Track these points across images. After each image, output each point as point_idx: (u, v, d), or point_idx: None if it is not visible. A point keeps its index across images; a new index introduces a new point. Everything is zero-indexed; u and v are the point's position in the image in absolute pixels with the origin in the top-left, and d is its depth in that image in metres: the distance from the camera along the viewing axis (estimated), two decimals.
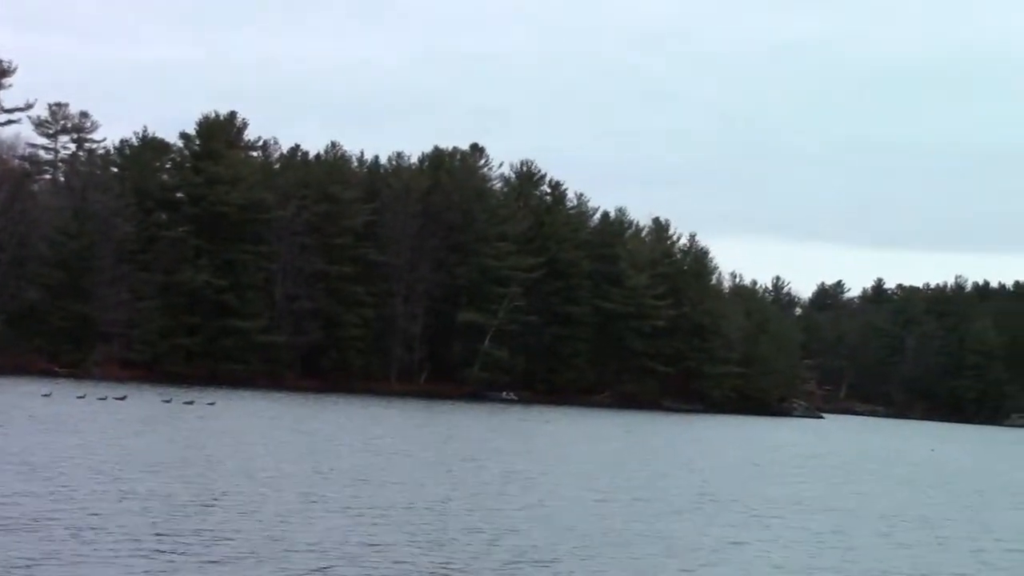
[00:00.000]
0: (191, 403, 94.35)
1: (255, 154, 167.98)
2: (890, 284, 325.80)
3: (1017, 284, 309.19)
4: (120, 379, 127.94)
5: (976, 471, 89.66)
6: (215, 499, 39.55)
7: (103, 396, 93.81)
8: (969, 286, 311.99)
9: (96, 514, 34.41)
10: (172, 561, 28.74)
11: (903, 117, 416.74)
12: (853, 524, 46.44)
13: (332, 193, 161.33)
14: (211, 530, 33.25)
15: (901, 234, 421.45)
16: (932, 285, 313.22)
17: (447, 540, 34.69)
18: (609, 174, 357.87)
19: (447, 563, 31.11)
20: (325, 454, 58.80)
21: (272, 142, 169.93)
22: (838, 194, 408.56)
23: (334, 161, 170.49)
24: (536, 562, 32.40)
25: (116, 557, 28.77)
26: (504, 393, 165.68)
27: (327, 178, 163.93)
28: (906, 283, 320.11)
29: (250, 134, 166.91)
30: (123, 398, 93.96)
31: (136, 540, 30.73)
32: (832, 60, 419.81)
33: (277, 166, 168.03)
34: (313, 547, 31.74)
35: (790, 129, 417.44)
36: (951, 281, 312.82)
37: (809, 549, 39.15)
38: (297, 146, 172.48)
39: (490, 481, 52.00)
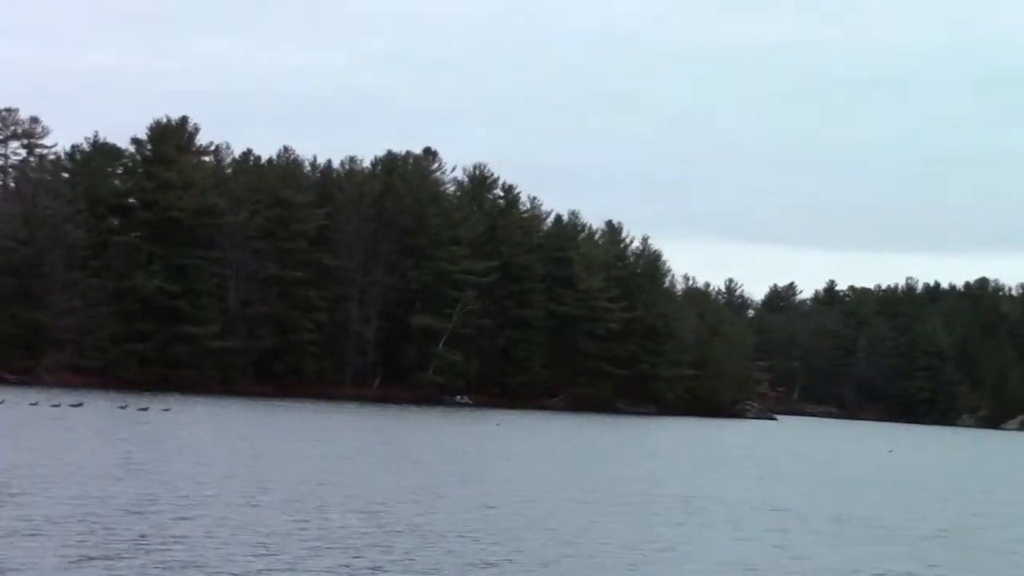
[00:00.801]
0: (146, 409, 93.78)
1: (207, 159, 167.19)
2: (842, 286, 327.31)
3: (967, 285, 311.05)
4: (72, 386, 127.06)
5: (938, 472, 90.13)
6: (153, 503, 39.36)
7: (56, 403, 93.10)
8: (920, 287, 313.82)
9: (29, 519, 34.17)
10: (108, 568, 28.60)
11: (854, 119, 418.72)
12: (797, 523, 46.39)
13: (285, 198, 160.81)
14: (151, 535, 33.11)
15: (852, 236, 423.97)
16: (883, 287, 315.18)
17: (381, 542, 34.49)
18: (562, 177, 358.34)
19: (379, 567, 31.00)
20: (270, 458, 58.51)
21: (224, 147, 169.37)
22: (790, 196, 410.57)
23: (286, 166, 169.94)
24: (471, 564, 32.27)
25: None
26: (458, 397, 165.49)
27: (279, 183, 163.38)
28: (858, 285, 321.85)
29: (202, 139, 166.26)
30: (79, 405, 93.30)
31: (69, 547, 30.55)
32: (783, 63, 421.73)
33: (229, 171, 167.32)
34: (248, 551, 31.54)
35: (742, 132, 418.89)
36: (902, 283, 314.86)
37: (753, 547, 39.12)
38: (249, 151, 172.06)
39: (428, 481, 51.67)
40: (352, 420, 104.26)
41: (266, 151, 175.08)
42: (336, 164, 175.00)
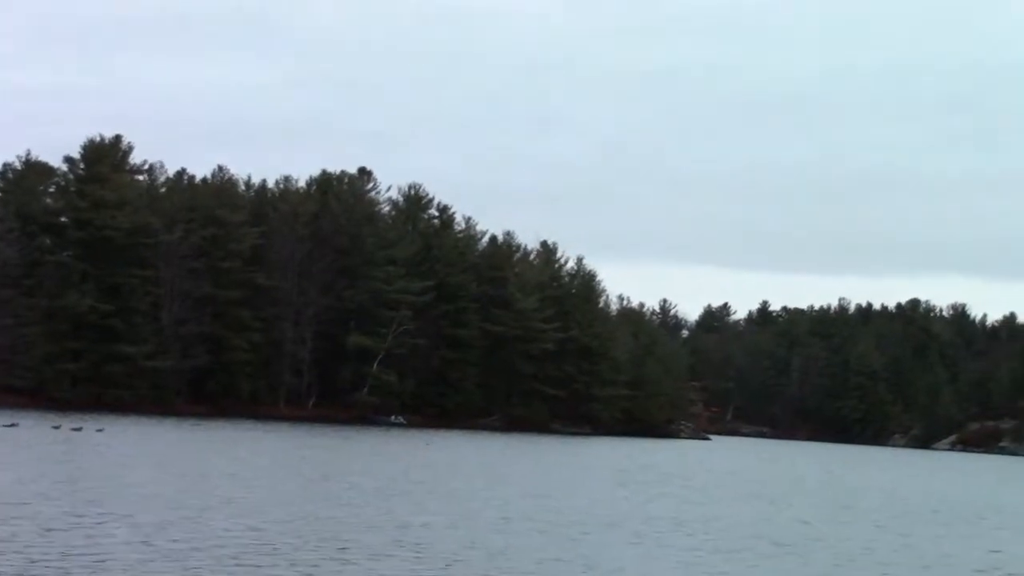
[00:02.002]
0: (79, 429, 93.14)
1: (141, 178, 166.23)
2: (775, 306, 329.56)
3: (899, 306, 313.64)
4: (4, 406, 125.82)
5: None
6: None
7: None
8: (852, 308, 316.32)
9: None
10: None
11: (785, 141, 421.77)
12: (716, 541, 46.61)
13: (219, 217, 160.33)
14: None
15: (786, 257, 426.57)
16: (816, 307, 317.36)
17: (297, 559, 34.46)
18: (496, 198, 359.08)
19: None
20: (201, 479, 58.25)
21: (158, 166, 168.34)
22: (723, 218, 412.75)
23: (221, 185, 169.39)
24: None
25: None
26: (393, 417, 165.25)
27: (214, 202, 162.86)
28: (791, 305, 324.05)
29: (135, 158, 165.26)
30: (13, 425, 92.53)
31: None
32: (714, 85, 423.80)
33: (163, 190, 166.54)
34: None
35: (675, 153, 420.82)
36: (835, 303, 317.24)
37: (672, 564, 39.33)
38: (183, 170, 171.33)
39: (339, 501, 51.39)
40: (276, 440, 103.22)
41: (200, 170, 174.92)
42: (271, 183, 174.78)
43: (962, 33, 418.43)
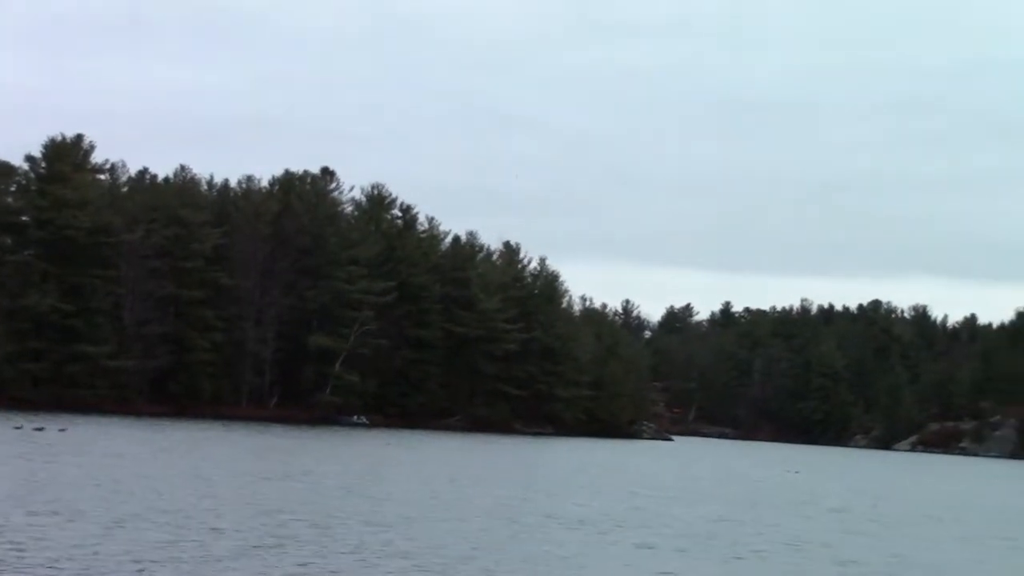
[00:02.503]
0: (41, 429, 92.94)
1: (102, 177, 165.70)
2: (738, 307, 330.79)
3: (860, 308, 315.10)
4: None
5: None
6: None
7: None
8: (815, 309, 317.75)
9: None
10: None
11: (748, 143, 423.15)
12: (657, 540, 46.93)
13: (181, 216, 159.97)
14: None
15: (748, 258, 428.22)
16: (779, 308, 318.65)
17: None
18: (460, 198, 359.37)
19: None
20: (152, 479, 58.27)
21: (120, 165, 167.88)
22: (686, 219, 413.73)
23: (183, 184, 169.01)
24: None
25: None
26: (355, 417, 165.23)
27: (176, 201, 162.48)
28: (753, 306, 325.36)
29: (97, 157, 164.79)
30: None
31: None
32: (680, 87, 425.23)
33: (125, 189, 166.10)
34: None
35: (637, 154, 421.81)
36: (797, 304, 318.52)
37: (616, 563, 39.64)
38: (145, 169, 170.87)
39: (281, 500, 51.35)
40: (235, 440, 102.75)
41: (162, 170, 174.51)
42: (233, 183, 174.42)
43: (926, 36, 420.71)
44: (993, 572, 44.50)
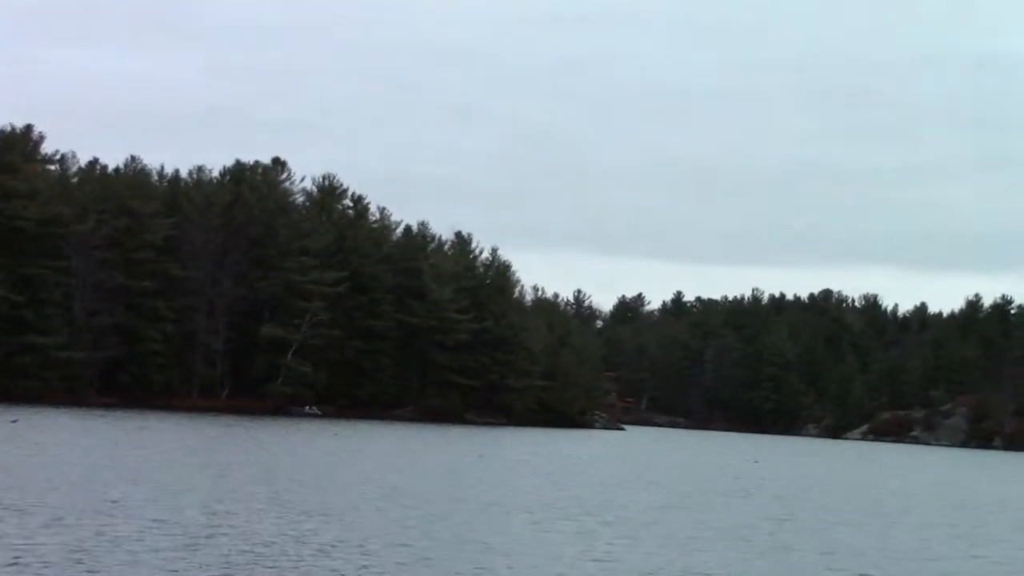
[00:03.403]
0: None
1: (52, 168, 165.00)
2: (689, 297, 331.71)
3: (811, 297, 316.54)
4: None
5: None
6: None
7: None
8: (766, 299, 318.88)
9: None
10: None
11: (701, 135, 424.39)
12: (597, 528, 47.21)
13: (132, 207, 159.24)
14: None
15: (699, 248, 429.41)
16: (730, 298, 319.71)
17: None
18: (411, 189, 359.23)
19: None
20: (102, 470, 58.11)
21: (70, 155, 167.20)
22: (638, 209, 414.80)
23: (134, 175, 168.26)
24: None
25: None
26: (307, 408, 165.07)
27: (127, 192, 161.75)
28: (705, 296, 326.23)
29: (47, 147, 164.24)
30: None
31: None
32: (634, 78, 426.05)
33: (75, 180, 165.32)
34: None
35: (591, 145, 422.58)
36: (748, 294, 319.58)
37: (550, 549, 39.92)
38: (96, 160, 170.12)
39: (214, 491, 51.23)
40: (179, 432, 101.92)
41: (113, 160, 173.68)
42: (184, 174, 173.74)
43: (878, 28, 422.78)
44: (929, 559, 44.85)
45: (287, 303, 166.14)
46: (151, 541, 34.99)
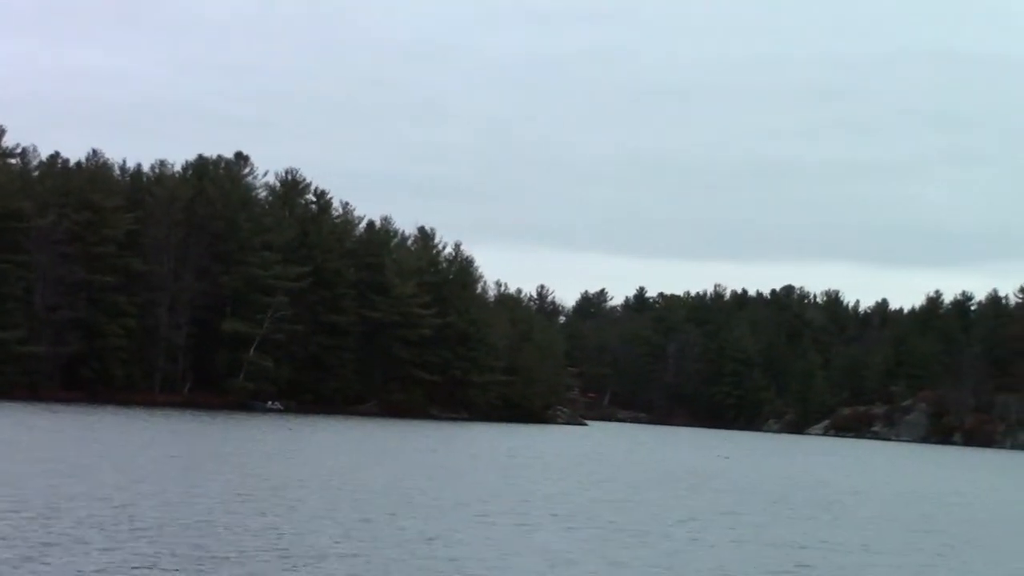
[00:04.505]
0: None
1: (13, 161, 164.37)
2: (652, 292, 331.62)
3: (773, 292, 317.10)
4: None
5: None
6: None
7: None
8: (728, 294, 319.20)
9: None
10: None
11: (662, 129, 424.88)
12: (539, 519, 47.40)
13: (93, 201, 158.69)
14: None
15: (662, 243, 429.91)
16: (692, 293, 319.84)
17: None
18: (374, 184, 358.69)
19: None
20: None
21: (31, 149, 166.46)
22: (600, 204, 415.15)
23: (95, 169, 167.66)
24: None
25: None
26: (270, 403, 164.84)
27: (88, 186, 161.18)
28: (667, 291, 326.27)
29: (7, 141, 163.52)
30: None
31: None
32: (597, 74, 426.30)
33: (36, 174, 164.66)
34: None
35: (554, 140, 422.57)
36: (710, 289, 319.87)
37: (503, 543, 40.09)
38: (57, 153, 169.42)
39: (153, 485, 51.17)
40: (132, 427, 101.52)
41: (74, 154, 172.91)
42: (146, 168, 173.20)
43: (844, 25, 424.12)
44: (874, 551, 45.17)
45: (249, 298, 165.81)
46: None
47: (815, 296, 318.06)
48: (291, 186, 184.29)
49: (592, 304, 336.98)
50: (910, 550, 46.15)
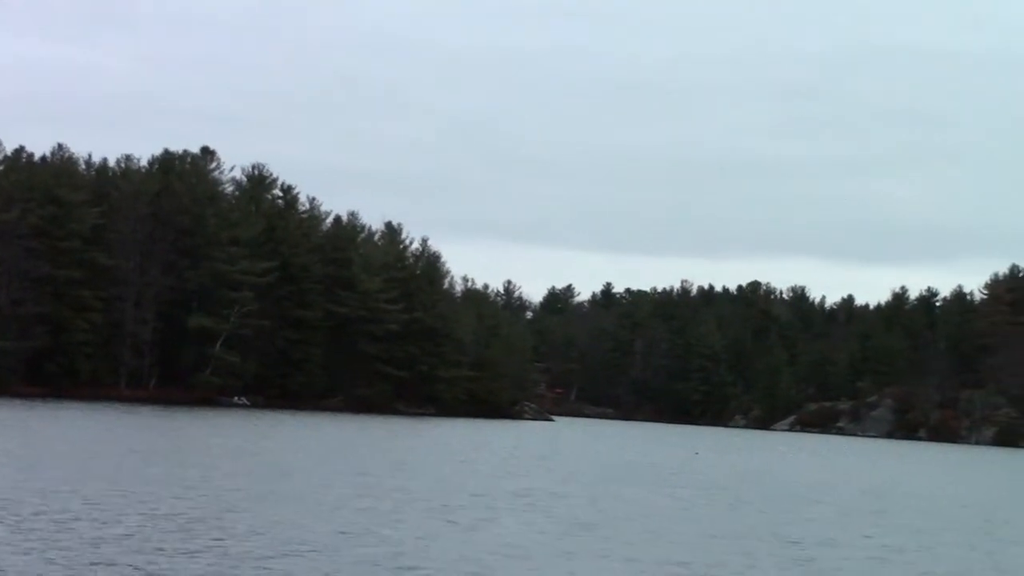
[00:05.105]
0: None
1: None
2: (619, 288, 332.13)
3: (740, 288, 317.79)
4: None
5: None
6: None
7: None
8: (695, 290, 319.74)
9: None
10: None
11: (631, 125, 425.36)
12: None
13: (59, 196, 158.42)
14: None
15: (629, 239, 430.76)
16: (659, 289, 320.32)
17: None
18: (342, 179, 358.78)
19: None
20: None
21: None
22: (568, 200, 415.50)
23: (61, 164, 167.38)
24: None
25: None
26: (236, 398, 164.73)
27: (53, 181, 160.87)
28: (634, 287, 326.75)
29: None
30: None
31: None
32: (564, 70, 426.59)
33: (1, 168, 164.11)
34: None
35: (522, 136, 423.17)
36: (677, 285, 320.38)
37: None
38: (22, 148, 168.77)
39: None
40: (91, 422, 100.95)
41: (39, 149, 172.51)
42: (112, 163, 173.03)
43: (811, 22, 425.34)
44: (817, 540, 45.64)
45: (216, 293, 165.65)
46: None
47: (781, 292, 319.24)
48: (258, 181, 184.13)
49: (559, 300, 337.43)
50: (864, 544, 46.60)
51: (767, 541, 44.65)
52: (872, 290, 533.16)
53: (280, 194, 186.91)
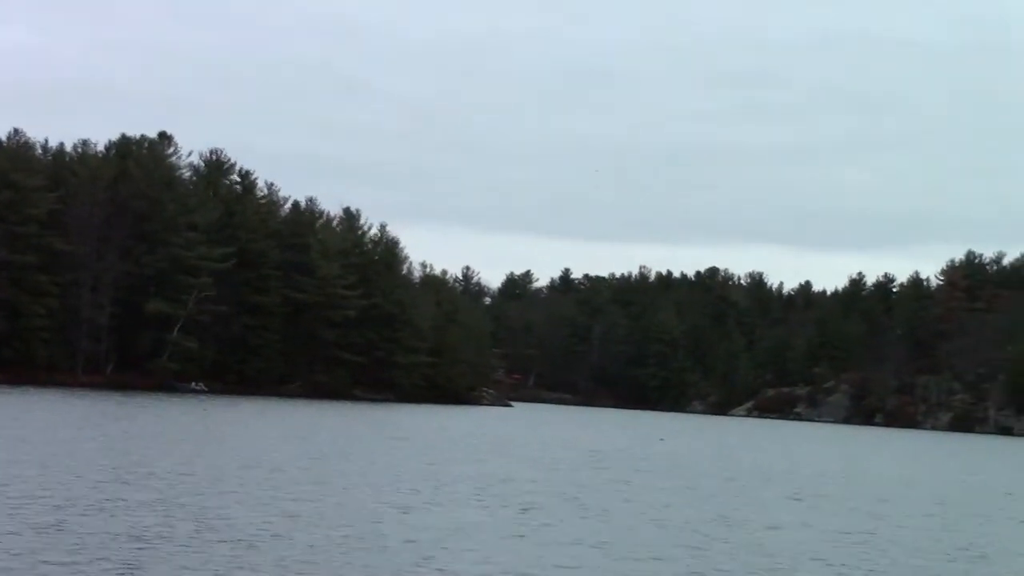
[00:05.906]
0: None
1: None
2: (577, 274, 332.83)
3: (698, 274, 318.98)
4: None
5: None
6: None
7: None
8: (653, 276, 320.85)
9: None
10: None
11: (591, 111, 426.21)
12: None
13: (15, 181, 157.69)
14: None
15: (587, 225, 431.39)
16: (617, 275, 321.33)
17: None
18: (300, 165, 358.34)
19: None
20: None
21: None
22: (526, 186, 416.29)
23: (17, 148, 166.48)
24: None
25: None
26: (194, 384, 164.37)
27: (9, 165, 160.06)
28: (592, 273, 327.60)
29: None
30: None
31: None
32: (524, 56, 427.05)
33: None
34: None
35: (479, 122, 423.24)
36: (636, 271, 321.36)
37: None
38: None
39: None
40: (43, 408, 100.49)
41: None
42: (69, 148, 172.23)
43: (771, 9, 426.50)
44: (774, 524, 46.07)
45: (173, 278, 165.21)
46: None
47: (739, 278, 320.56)
48: (215, 166, 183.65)
49: (517, 286, 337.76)
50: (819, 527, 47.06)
51: (720, 524, 45.07)
52: (829, 276, 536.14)
53: (238, 179, 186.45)
